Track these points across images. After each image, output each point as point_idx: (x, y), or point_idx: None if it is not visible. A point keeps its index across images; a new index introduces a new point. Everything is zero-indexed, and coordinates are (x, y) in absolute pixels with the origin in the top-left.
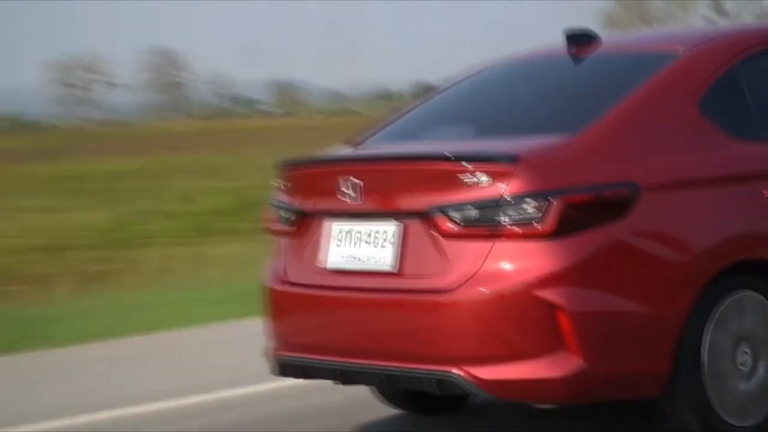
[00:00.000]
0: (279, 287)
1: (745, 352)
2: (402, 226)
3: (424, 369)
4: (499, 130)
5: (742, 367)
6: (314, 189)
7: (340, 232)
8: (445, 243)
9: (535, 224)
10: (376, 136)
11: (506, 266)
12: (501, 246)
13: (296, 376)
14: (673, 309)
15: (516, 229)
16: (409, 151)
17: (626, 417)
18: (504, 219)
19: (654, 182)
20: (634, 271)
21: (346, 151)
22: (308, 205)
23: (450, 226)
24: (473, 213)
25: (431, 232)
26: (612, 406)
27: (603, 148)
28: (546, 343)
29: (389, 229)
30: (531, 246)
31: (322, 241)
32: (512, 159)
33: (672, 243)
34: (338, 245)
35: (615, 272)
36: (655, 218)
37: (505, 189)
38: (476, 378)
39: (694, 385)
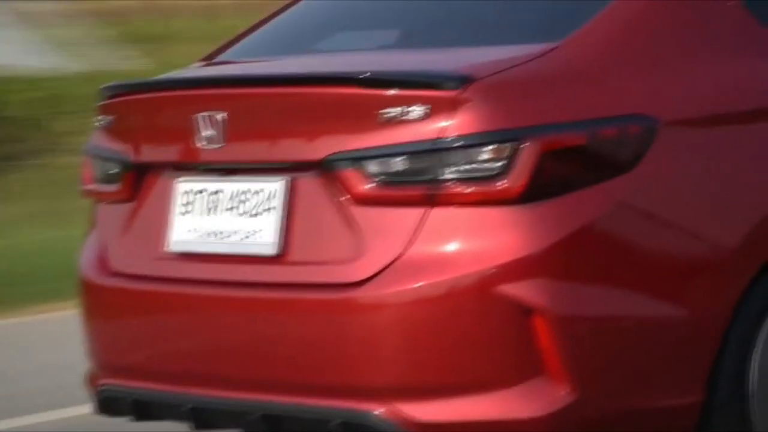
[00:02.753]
0: (99, 280)
1: None
2: (288, 184)
3: (322, 406)
4: (437, 38)
5: None
6: (151, 128)
7: (191, 194)
8: (356, 211)
9: (496, 182)
10: (249, 46)
11: (451, 247)
12: (442, 215)
13: (126, 414)
14: (708, 313)
15: (466, 189)
16: (298, 69)
17: None
18: (447, 174)
19: (679, 114)
20: (648, 255)
21: (200, 69)
22: (142, 153)
23: (363, 184)
24: (399, 164)
25: (333, 193)
26: None
27: (598, 64)
28: (516, 367)
29: (268, 188)
30: (490, 215)
31: (165, 208)
32: (459, 81)
33: (707, 210)
34: (188, 215)
35: (619, 256)
36: (681, 172)
37: (448, 127)
38: (406, 420)
39: (735, 420)
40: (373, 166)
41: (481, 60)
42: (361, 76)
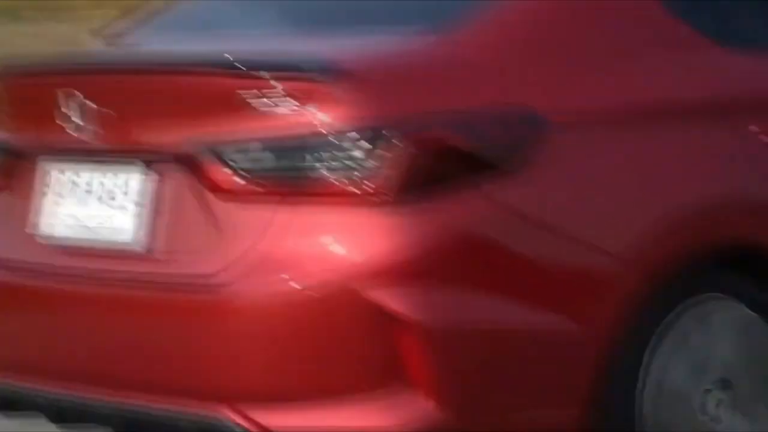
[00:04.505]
0: None
1: (719, 400)
2: (154, 174)
3: (177, 409)
4: (321, 22)
5: (708, 422)
6: (20, 111)
7: (61, 180)
8: (219, 205)
9: (365, 179)
10: (139, 24)
11: (314, 246)
12: (307, 213)
13: None
14: (593, 326)
15: (332, 185)
16: (167, 52)
17: None
18: (313, 169)
19: (570, 114)
20: (528, 263)
21: (70, 50)
22: (11, 138)
23: (226, 177)
24: (264, 158)
25: (195, 185)
26: None
27: (484, 56)
28: (378, 377)
29: (131, 178)
30: (358, 216)
31: (33, 196)
32: (328, 69)
33: (595, 217)
34: (58, 202)
35: (496, 263)
36: (569, 176)
37: (315, 120)
38: (257, 426)
39: None
40: (237, 159)
41: (355, 49)
42: (223, 64)
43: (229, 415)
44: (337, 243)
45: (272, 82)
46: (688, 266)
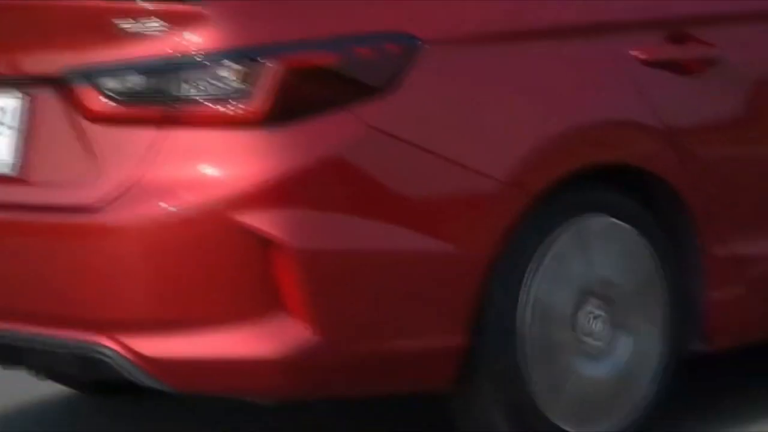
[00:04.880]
0: None
1: (596, 317)
2: (27, 99)
3: (60, 338)
4: None
5: (589, 341)
6: None
7: None
8: (93, 130)
9: (237, 103)
10: None
11: (188, 171)
12: (180, 137)
13: None
14: (471, 250)
15: (205, 109)
16: None
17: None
18: (186, 93)
19: (443, 34)
20: (403, 186)
21: None
22: None
23: (100, 102)
24: (136, 82)
25: (71, 111)
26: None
27: None
28: (254, 303)
29: (7, 104)
30: (230, 138)
31: None
32: None
33: (472, 138)
34: None
35: (371, 186)
36: (444, 97)
37: (187, 44)
38: (137, 355)
39: (507, 372)
40: (109, 83)
41: None
42: None
43: (107, 344)
44: (211, 167)
45: (145, 6)
46: (567, 186)
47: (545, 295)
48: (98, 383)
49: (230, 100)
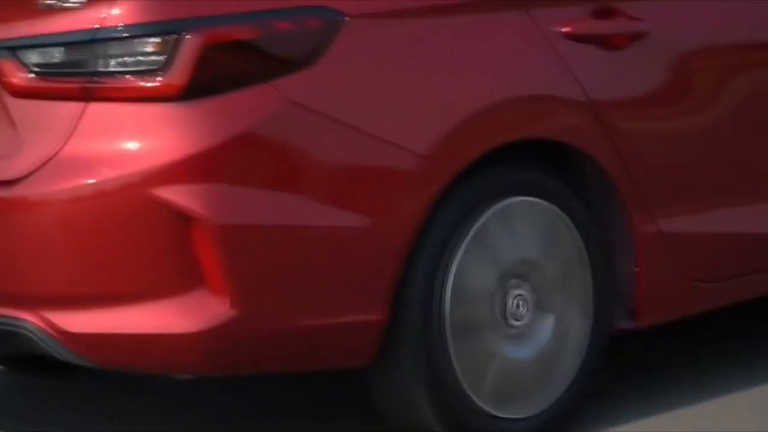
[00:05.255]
0: None
1: (519, 296)
2: None
3: None
4: None
5: (511, 321)
6: None
7: None
8: (14, 104)
9: (156, 77)
10: None
11: (108, 145)
12: (101, 111)
13: None
14: (392, 225)
15: (125, 83)
16: None
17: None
18: (105, 67)
19: (366, 7)
20: (324, 161)
21: None
22: None
23: (19, 75)
24: (56, 55)
25: None
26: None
27: None
28: (173, 278)
29: None
30: (149, 112)
31: None
32: None
33: (394, 114)
34: None
35: (291, 161)
36: (366, 71)
37: (106, 17)
38: (58, 330)
39: (429, 350)
40: (29, 56)
41: None
42: None
43: (29, 318)
44: (130, 141)
45: None
46: (489, 162)
47: (466, 274)
48: (22, 359)
49: (149, 74)
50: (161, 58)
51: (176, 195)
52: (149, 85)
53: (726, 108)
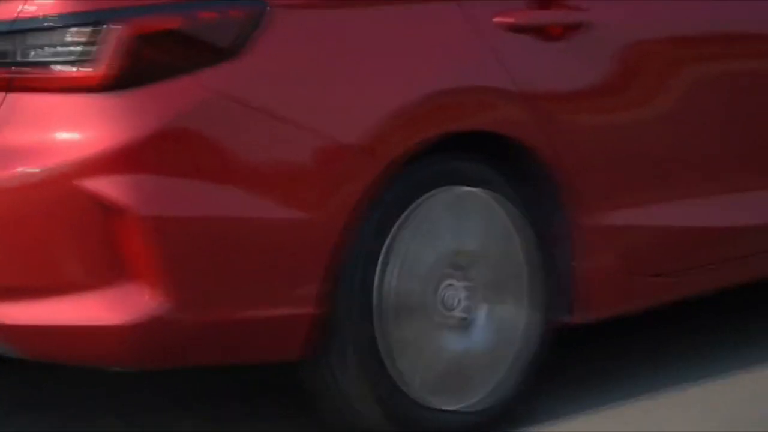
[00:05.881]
0: None
1: (457, 288)
2: None
3: None
4: None
5: (450, 313)
6: None
7: None
8: None
9: (80, 67)
10: None
11: (32, 136)
12: (25, 101)
13: None
14: (324, 217)
15: (49, 74)
16: None
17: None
18: (29, 57)
19: None
20: (252, 152)
21: None
22: None
23: None
24: None
25: None
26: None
27: None
28: (100, 270)
29: None
30: (74, 103)
31: None
32: None
33: (324, 103)
34: None
35: (219, 152)
36: (294, 61)
37: (34, 6)
38: None
39: (360, 342)
40: None
41: None
42: None
43: None
44: (55, 132)
45: None
46: (424, 154)
47: (403, 265)
48: None
49: (75, 65)
50: (86, 48)
51: (102, 186)
52: (75, 75)
53: (666, 100)
